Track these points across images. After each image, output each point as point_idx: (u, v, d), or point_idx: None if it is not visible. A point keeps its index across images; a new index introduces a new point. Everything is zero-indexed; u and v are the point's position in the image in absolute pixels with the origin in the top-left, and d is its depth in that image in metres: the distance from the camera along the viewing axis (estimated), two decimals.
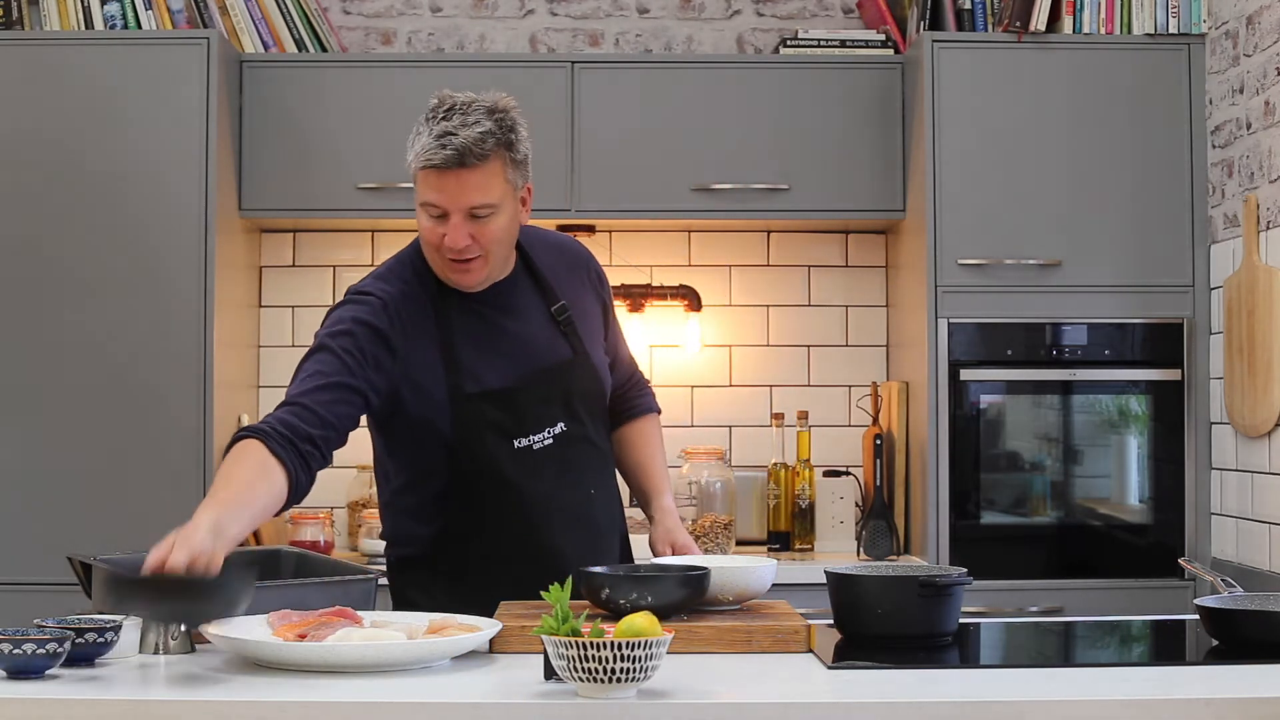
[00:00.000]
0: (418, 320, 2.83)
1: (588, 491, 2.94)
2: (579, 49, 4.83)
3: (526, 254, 2.96)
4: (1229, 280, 4.13)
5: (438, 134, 2.74)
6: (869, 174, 4.46)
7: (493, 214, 2.78)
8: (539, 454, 2.88)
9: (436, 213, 2.78)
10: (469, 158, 2.73)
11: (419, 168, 2.77)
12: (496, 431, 2.85)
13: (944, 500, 4.26)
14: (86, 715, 2.11)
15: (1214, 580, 2.81)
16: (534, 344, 2.90)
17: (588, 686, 2.10)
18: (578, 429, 2.92)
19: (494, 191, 2.76)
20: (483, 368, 2.85)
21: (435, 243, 2.81)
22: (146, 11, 4.37)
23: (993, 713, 2.12)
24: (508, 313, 2.90)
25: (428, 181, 2.77)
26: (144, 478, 4.18)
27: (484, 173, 2.75)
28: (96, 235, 4.21)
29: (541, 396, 2.87)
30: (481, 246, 2.79)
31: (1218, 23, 4.25)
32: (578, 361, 2.93)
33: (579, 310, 2.97)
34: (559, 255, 3.02)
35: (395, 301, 2.83)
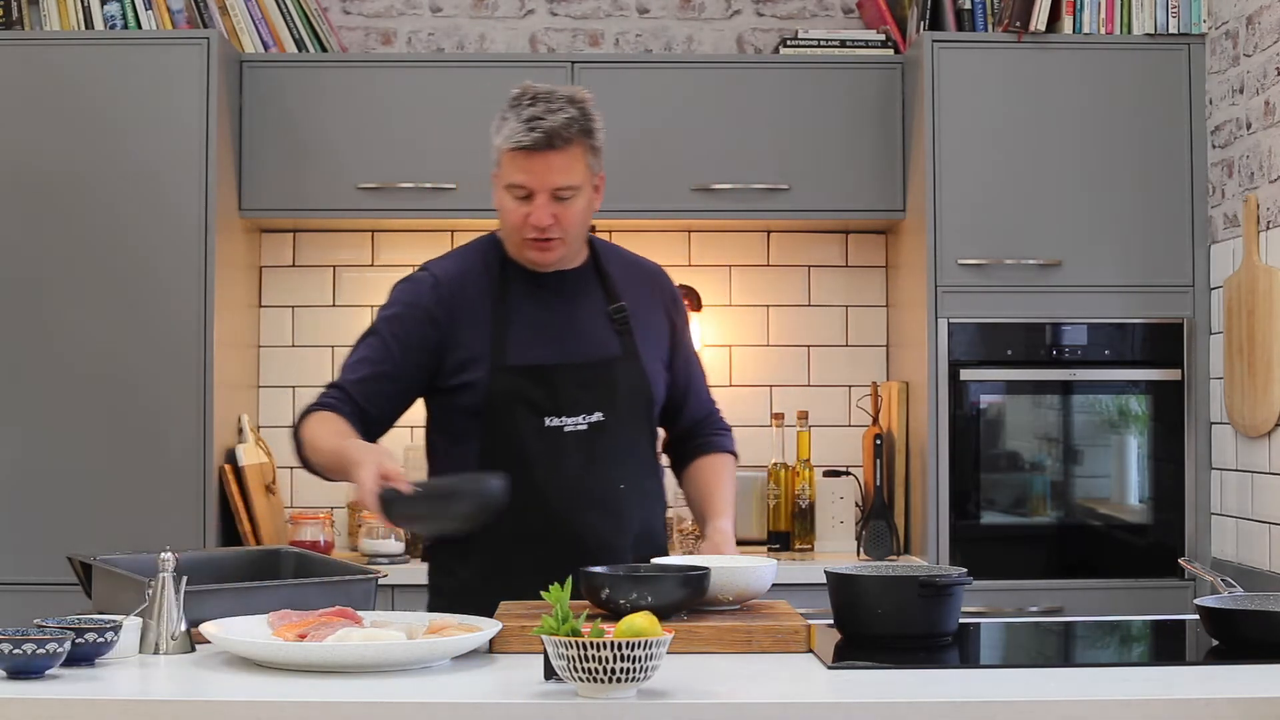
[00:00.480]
0: (473, 296, 2.98)
1: (616, 485, 2.97)
2: (579, 49, 4.83)
3: (597, 255, 3.08)
4: (1229, 280, 4.13)
5: (526, 118, 2.89)
6: (869, 174, 4.46)
7: (574, 196, 2.93)
8: (569, 437, 2.94)
9: (522, 193, 2.92)
10: (556, 140, 2.88)
11: (508, 149, 2.91)
12: (528, 406, 2.93)
13: (944, 500, 4.26)
14: (86, 715, 2.11)
15: (1214, 580, 2.81)
16: (584, 333, 3.00)
17: (588, 686, 2.10)
18: (615, 423, 2.97)
19: (576, 174, 2.92)
20: (528, 345, 2.96)
21: (518, 223, 2.93)
22: (146, 11, 4.37)
23: (993, 713, 2.12)
24: (566, 301, 3.02)
25: (515, 163, 2.91)
26: (144, 478, 4.18)
27: (568, 156, 2.90)
28: (96, 235, 4.21)
29: (581, 382, 2.95)
30: (562, 227, 2.93)
31: (1218, 23, 4.25)
32: (625, 359, 3.00)
33: (640, 319, 3.05)
34: (632, 268, 3.13)
35: (450, 277, 3.01)
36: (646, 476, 3.05)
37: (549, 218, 2.91)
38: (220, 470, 4.25)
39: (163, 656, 2.43)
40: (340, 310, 4.77)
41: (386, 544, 4.35)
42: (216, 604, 2.55)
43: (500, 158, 2.94)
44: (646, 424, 3.05)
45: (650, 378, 3.03)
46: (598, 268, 3.07)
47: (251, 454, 4.37)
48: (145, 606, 2.45)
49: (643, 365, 3.02)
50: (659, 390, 3.06)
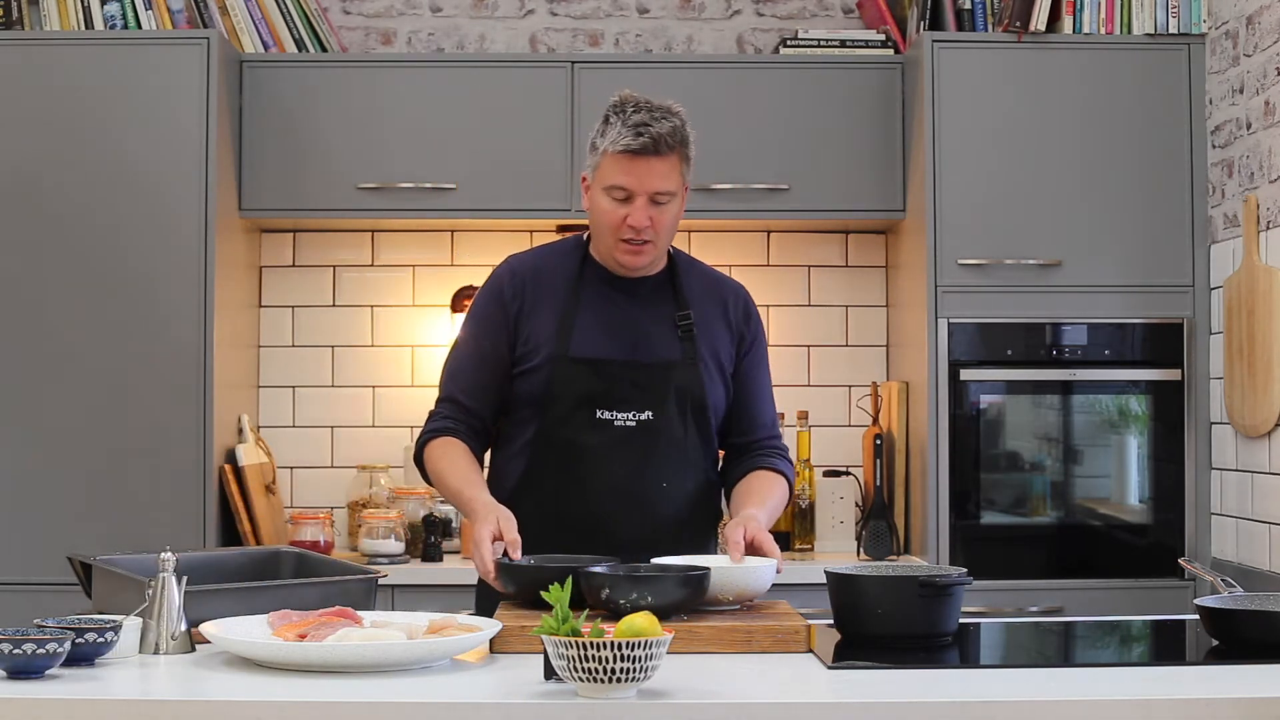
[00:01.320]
0: (547, 287, 3.09)
1: (659, 484, 3.02)
2: (579, 49, 4.83)
3: (675, 265, 3.15)
4: (1229, 280, 4.13)
5: (634, 124, 2.99)
6: (869, 174, 4.46)
7: (670, 201, 3.02)
8: (619, 432, 3.01)
9: (622, 195, 3.00)
10: (661, 146, 2.98)
11: (615, 152, 2.99)
12: (583, 397, 3.01)
13: (944, 500, 4.26)
14: (86, 715, 2.11)
15: (1214, 580, 2.81)
16: (648, 335, 3.07)
17: (588, 686, 2.10)
18: (665, 423, 3.02)
19: (674, 181, 3.02)
20: (592, 339, 3.04)
21: (615, 224, 3.01)
22: (146, 11, 4.37)
23: (993, 713, 2.12)
24: (636, 304, 3.09)
25: (618, 165, 2.99)
26: (144, 478, 4.18)
27: (669, 163, 3.01)
28: (96, 235, 4.21)
29: (635, 380, 3.01)
30: (655, 231, 3.01)
31: (1218, 23, 4.25)
32: (684, 363, 3.06)
33: (705, 329, 3.11)
34: (707, 281, 3.19)
35: (526, 268, 3.14)
36: (692, 479, 3.07)
37: (646, 220, 2.99)
38: (220, 470, 4.25)
39: (163, 656, 2.43)
40: (340, 310, 4.77)
41: (386, 544, 4.35)
42: (216, 604, 2.55)
43: (601, 160, 3.02)
44: (697, 429, 3.07)
45: (706, 385, 3.07)
46: (673, 277, 3.14)
47: (251, 454, 4.37)
48: (145, 606, 2.45)
49: (699, 372, 3.06)
50: (715, 398, 3.09)
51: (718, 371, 3.10)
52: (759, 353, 3.19)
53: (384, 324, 4.77)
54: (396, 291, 4.77)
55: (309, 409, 4.74)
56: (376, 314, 4.77)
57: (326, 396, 4.75)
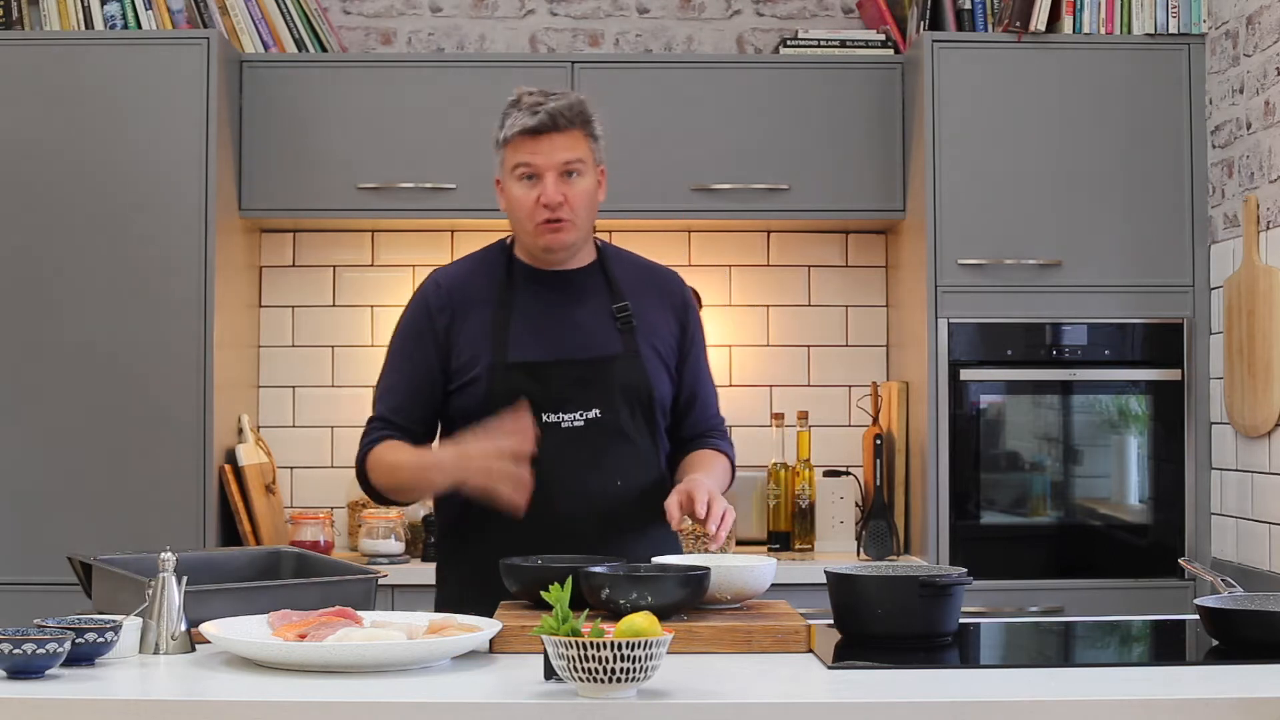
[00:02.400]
0: (475, 296, 3.05)
1: (614, 481, 2.99)
2: (579, 49, 4.83)
3: (604, 256, 3.13)
4: (1229, 280, 4.13)
5: (529, 105, 3.00)
6: (869, 174, 4.46)
7: (580, 174, 3.00)
8: (566, 433, 2.96)
9: (530, 174, 2.99)
10: (560, 120, 2.98)
11: (514, 134, 2.99)
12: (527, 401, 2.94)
13: (944, 500, 4.26)
14: (86, 715, 2.11)
15: (1214, 580, 2.81)
16: (585, 331, 3.03)
17: (588, 686, 2.10)
18: (613, 420, 2.99)
19: (580, 151, 3.00)
20: (528, 342, 3.00)
21: (529, 207, 2.99)
22: (146, 11, 4.37)
23: (993, 713, 2.12)
24: (569, 299, 3.06)
25: (521, 147, 2.99)
26: (144, 478, 4.18)
27: (571, 137, 3.00)
28: (97, 235, 4.21)
29: (579, 379, 2.98)
30: (571, 208, 2.99)
31: (1218, 23, 4.25)
32: (625, 356, 3.02)
33: (645, 319, 3.07)
34: (642, 270, 3.17)
35: (452, 279, 3.10)
36: (646, 475, 3.04)
37: (559, 195, 2.97)
38: (220, 470, 4.25)
39: (163, 656, 2.43)
40: (340, 310, 4.77)
41: (386, 544, 4.35)
42: (216, 604, 2.55)
43: (505, 150, 3.01)
44: (646, 422, 3.05)
45: (651, 376, 3.04)
46: (604, 268, 3.11)
47: (251, 454, 4.38)
48: (145, 606, 2.45)
49: (643, 363, 3.03)
50: (661, 390, 3.06)
51: (660, 362, 3.06)
52: (700, 342, 3.17)
53: (384, 324, 4.77)
54: (396, 291, 4.76)
55: (309, 409, 4.74)
56: (376, 314, 4.77)
57: (326, 396, 4.75)
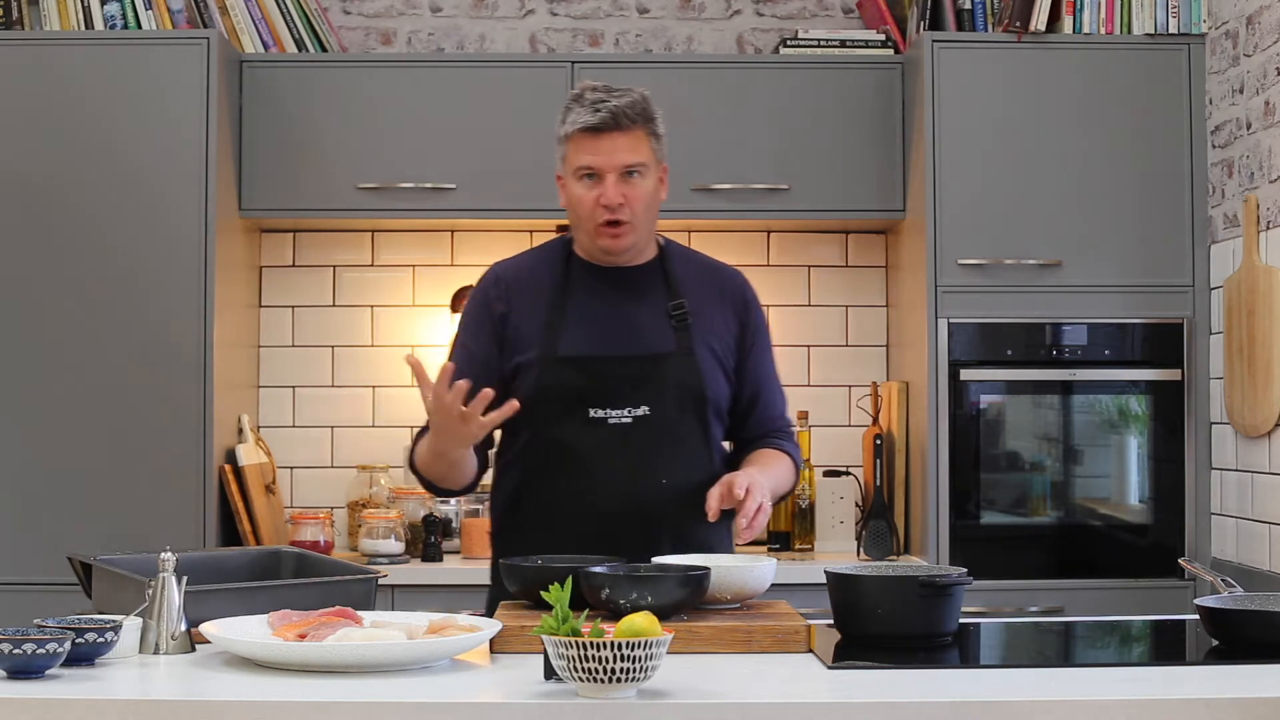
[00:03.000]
0: (533, 289, 3.06)
1: (658, 480, 2.96)
2: (579, 49, 4.83)
3: (665, 255, 3.11)
4: (1229, 280, 4.13)
5: (591, 103, 2.97)
6: (869, 174, 4.46)
7: (642, 175, 2.98)
8: (613, 429, 2.96)
9: (591, 174, 2.97)
10: (622, 119, 2.95)
11: (575, 131, 2.97)
12: (574, 396, 2.96)
13: (944, 500, 4.26)
14: (86, 715, 2.11)
15: (1214, 580, 2.81)
16: (639, 328, 3.02)
17: (588, 686, 2.10)
18: (661, 417, 2.97)
19: (642, 153, 2.98)
20: (581, 336, 3.00)
21: (590, 207, 2.98)
22: (146, 11, 4.37)
23: (993, 713, 2.12)
24: (625, 296, 3.05)
25: (582, 145, 2.97)
26: (144, 478, 4.18)
27: (633, 136, 2.97)
28: (96, 235, 4.21)
29: (629, 376, 2.96)
30: (631, 209, 2.97)
31: (1218, 23, 4.25)
32: (678, 354, 3.00)
33: (702, 318, 3.05)
34: (703, 270, 3.15)
35: (511, 271, 3.12)
36: (695, 476, 2.99)
37: (619, 196, 2.95)
38: (220, 470, 4.25)
39: (163, 656, 2.43)
40: (340, 310, 4.77)
41: (386, 544, 4.35)
42: (216, 604, 2.55)
43: (567, 147, 3.00)
44: (698, 421, 3.02)
45: (705, 375, 3.01)
46: (664, 266, 3.09)
47: (251, 454, 4.37)
48: (145, 606, 2.45)
49: (697, 362, 3.00)
50: (715, 389, 3.03)
51: (716, 361, 3.04)
52: (763, 342, 3.13)
53: (384, 324, 4.77)
54: (396, 291, 4.77)
55: (309, 409, 4.74)
56: (376, 314, 4.77)
57: (326, 396, 4.75)
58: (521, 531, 3.02)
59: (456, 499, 4.49)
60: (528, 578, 2.65)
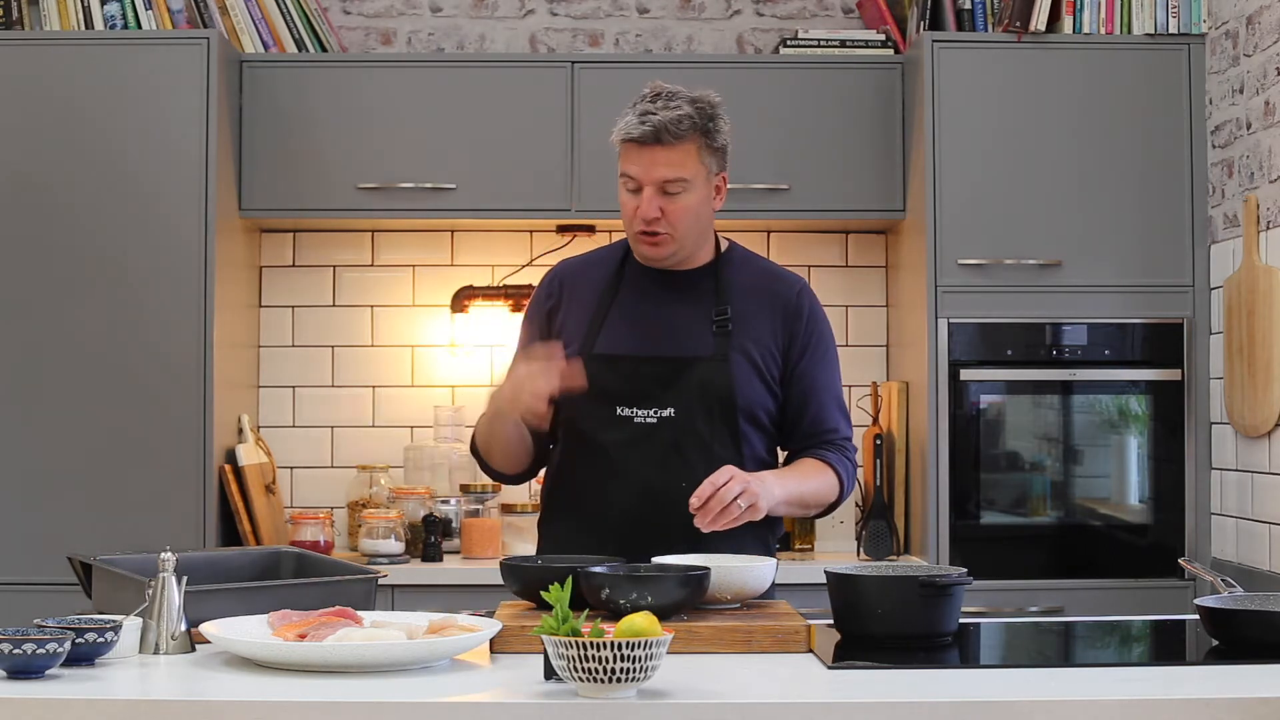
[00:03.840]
0: (588, 284, 3.08)
1: (679, 483, 2.93)
2: (579, 49, 4.83)
3: (722, 260, 3.09)
4: (1229, 280, 4.13)
5: (640, 112, 2.96)
6: (869, 174, 4.46)
7: (683, 191, 2.96)
8: (639, 428, 2.97)
9: (632, 185, 2.98)
10: (664, 135, 2.93)
11: (620, 140, 2.98)
12: (603, 393, 2.97)
13: (944, 500, 4.26)
14: (86, 715, 2.11)
15: (1214, 580, 2.81)
16: (679, 331, 3.02)
17: (588, 686, 2.10)
18: (688, 420, 2.97)
19: (685, 169, 2.95)
20: (620, 335, 3.02)
21: (629, 213, 3.00)
22: (146, 11, 4.37)
23: (993, 713, 2.12)
24: (672, 299, 3.05)
25: (627, 154, 2.98)
26: (144, 477, 4.18)
27: (678, 151, 2.94)
28: (96, 235, 4.21)
29: (660, 377, 2.97)
30: (669, 223, 2.96)
31: (1218, 23, 4.25)
32: (712, 359, 2.99)
33: (746, 326, 3.03)
34: (760, 276, 3.12)
35: (571, 267, 3.15)
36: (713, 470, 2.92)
37: (655, 210, 2.94)
38: (220, 470, 4.25)
39: (163, 656, 2.43)
40: (340, 310, 4.77)
41: (386, 544, 4.35)
42: (216, 604, 2.55)
43: (619, 150, 3.01)
44: (726, 426, 2.99)
45: (737, 380, 2.98)
46: (717, 271, 3.07)
47: (251, 454, 4.37)
48: (145, 606, 2.45)
49: (730, 368, 2.98)
50: (748, 395, 2.99)
51: (754, 369, 3.00)
52: (818, 351, 3.08)
53: (384, 324, 4.77)
54: (396, 291, 4.77)
55: (309, 409, 4.74)
56: (376, 314, 4.77)
57: (326, 396, 4.75)
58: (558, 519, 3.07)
59: (458, 499, 4.50)
60: (528, 578, 2.66)
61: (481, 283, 4.71)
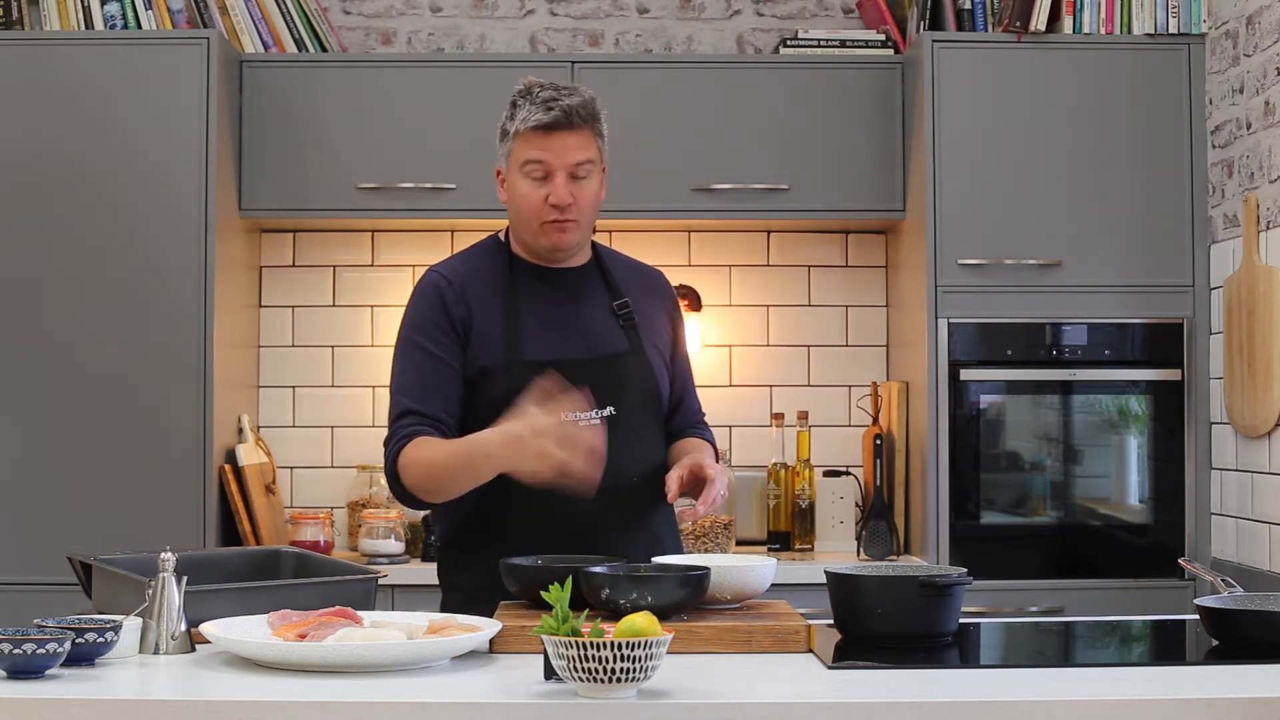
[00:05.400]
0: (483, 292, 3.02)
1: (629, 479, 2.97)
2: (579, 49, 4.83)
3: (599, 254, 3.13)
4: (1229, 280, 4.13)
5: (544, 99, 2.96)
6: (869, 174, 4.46)
7: (590, 174, 2.99)
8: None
9: (540, 173, 2.97)
10: (574, 118, 2.96)
11: (526, 129, 2.96)
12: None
13: (944, 500, 4.26)
14: (86, 715, 2.10)
15: (1214, 580, 2.81)
16: (593, 329, 3.03)
17: (588, 686, 2.10)
18: (627, 417, 2.98)
19: (590, 152, 2.99)
20: (541, 339, 2.99)
21: (537, 205, 2.97)
22: (146, 11, 4.37)
23: (993, 713, 2.12)
24: (572, 297, 3.05)
25: (533, 143, 2.96)
26: (144, 478, 4.18)
27: (583, 135, 2.98)
28: (96, 235, 4.21)
29: (593, 377, 2.95)
30: (579, 208, 2.98)
31: (1218, 23, 4.25)
32: (633, 354, 3.03)
33: (644, 317, 3.08)
34: (633, 271, 3.17)
35: (458, 275, 3.05)
36: (655, 471, 3.02)
37: (568, 196, 2.95)
38: (220, 470, 4.25)
39: (163, 656, 2.43)
40: (340, 310, 4.77)
41: (386, 544, 4.35)
42: (216, 604, 2.55)
43: (514, 143, 2.98)
44: (655, 419, 3.06)
45: (656, 373, 3.06)
46: (599, 266, 3.11)
47: (251, 454, 4.38)
48: (145, 606, 2.45)
49: (649, 361, 3.05)
50: (664, 386, 3.08)
51: (660, 359, 3.08)
52: (684, 339, 3.20)
53: (384, 324, 4.77)
54: (396, 291, 4.77)
55: (309, 409, 4.75)
56: (376, 314, 4.78)
57: (326, 396, 4.75)
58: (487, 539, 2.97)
59: None
60: (528, 578, 2.65)
61: None
